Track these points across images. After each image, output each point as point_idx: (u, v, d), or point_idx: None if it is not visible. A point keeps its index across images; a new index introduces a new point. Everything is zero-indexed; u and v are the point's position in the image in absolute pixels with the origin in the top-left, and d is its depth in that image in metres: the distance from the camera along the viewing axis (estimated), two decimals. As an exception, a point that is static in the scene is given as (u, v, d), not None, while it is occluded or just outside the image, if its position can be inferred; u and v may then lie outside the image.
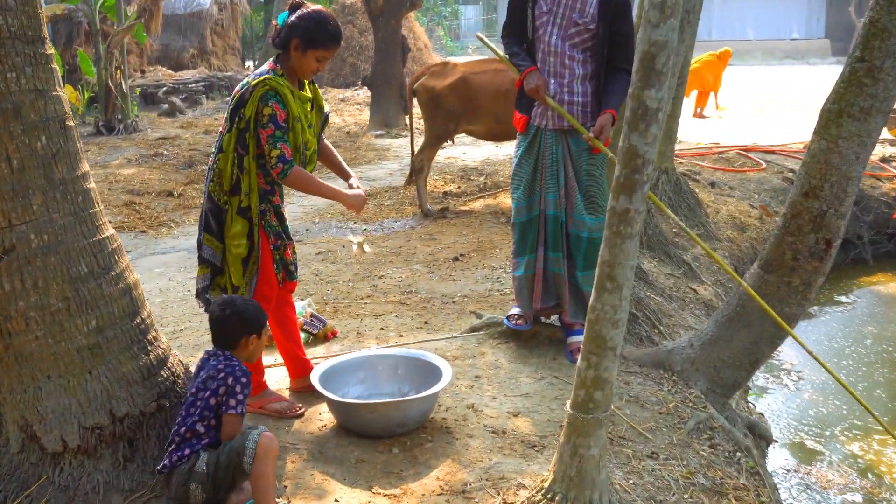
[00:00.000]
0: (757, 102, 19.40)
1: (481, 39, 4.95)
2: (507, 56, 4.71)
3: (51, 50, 3.26)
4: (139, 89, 19.07)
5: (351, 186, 4.14)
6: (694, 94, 17.47)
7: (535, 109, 4.65)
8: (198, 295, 4.08)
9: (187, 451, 3.24)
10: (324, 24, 3.87)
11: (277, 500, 3.29)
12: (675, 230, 7.77)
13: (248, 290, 3.99)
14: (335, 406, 3.98)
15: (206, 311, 4.04)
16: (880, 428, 5.71)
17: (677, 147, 10.91)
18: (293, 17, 3.89)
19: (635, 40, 4.35)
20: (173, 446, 3.27)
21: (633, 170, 2.91)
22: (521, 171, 4.74)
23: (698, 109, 17.64)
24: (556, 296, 4.82)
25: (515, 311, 4.96)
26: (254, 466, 3.15)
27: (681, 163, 10.39)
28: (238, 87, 3.89)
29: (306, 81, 4.07)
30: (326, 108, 4.20)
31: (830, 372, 4.03)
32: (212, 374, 3.34)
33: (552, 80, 4.57)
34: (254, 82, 3.81)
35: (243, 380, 3.34)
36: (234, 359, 3.42)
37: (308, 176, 3.90)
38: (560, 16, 4.51)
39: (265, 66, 3.95)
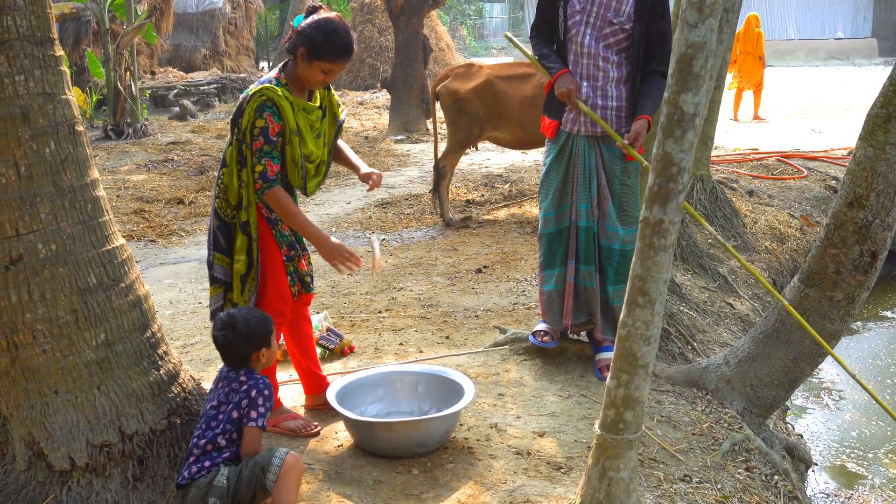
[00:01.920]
0: (799, 106, 19.31)
1: (510, 39, 4.89)
2: (536, 57, 4.69)
3: (60, 52, 3.31)
4: (149, 91, 19.27)
5: (365, 176, 4.13)
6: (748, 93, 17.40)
7: (566, 115, 4.62)
8: (212, 316, 4.09)
9: (207, 464, 3.28)
10: (331, 36, 3.82)
11: None
12: (710, 241, 7.75)
13: (250, 306, 4.01)
14: (352, 424, 4.00)
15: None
16: (928, 451, 5.68)
17: (713, 153, 10.90)
18: (304, 24, 3.86)
19: (672, 41, 4.39)
20: (192, 458, 3.31)
21: (667, 178, 2.93)
22: (550, 180, 4.71)
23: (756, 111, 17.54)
24: (588, 311, 4.80)
25: (542, 326, 4.96)
26: (276, 485, 3.18)
27: (717, 170, 10.37)
28: (242, 95, 3.91)
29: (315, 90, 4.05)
30: (342, 114, 4.20)
31: (870, 392, 4.00)
32: (234, 386, 3.40)
33: (584, 84, 4.54)
34: (252, 91, 3.81)
35: (266, 392, 3.40)
36: (255, 372, 3.47)
37: (286, 201, 3.84)
38: (594, 15, 4.48)
39: (271, 73, 3.95)
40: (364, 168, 4.19)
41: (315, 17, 3.88)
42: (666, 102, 2.92)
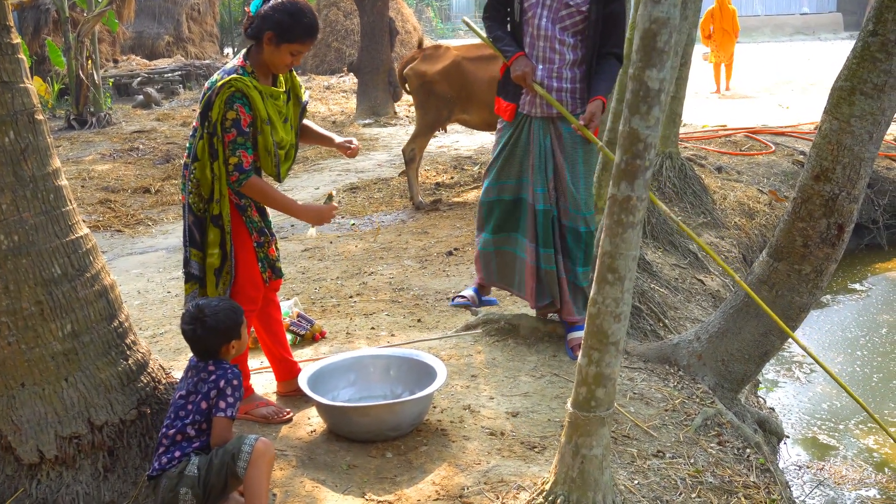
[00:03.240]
0: (766, 82, 19.43)
1: (468, 24, 4.94)
2: (490, 40, 4.73)
3: (17, 39, 3.26)
4: (112, 80, 19.08)
5: (341, 145, 4.17)
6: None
7: (523, 97, 4.65)
8: None
9: (178, 454, 3.26)
10: (299, 17, 3.82)
11: None
12: (680, 218, 7.80)
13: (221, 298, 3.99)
14: (325, 410, 4.00)
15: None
16: (895, 420, 5.77)
17: (682, 130, 10.95)
18: (266, 7, 3.83)
19: (626, 23, 4.41)
20: (162, 449, 3.29)
21: (634, 155, 2.93)
22: (497, 160, 4.77)
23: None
24: (550, 293, 4.83)
25: (465, 293, 5.13)
26: (248, 472, 3.17)
27: (686, 147, 10.43)
28: (207, 84, 3.87)
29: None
30: (305, 96, 4.19)
31: (824, 367, 4.05)
32: (203, 376, 3.38)
33: (540, 66, 4.57)
34: (219, 83, 3.77)
35: (235, 382, 3.38)
36: (224, 362, 3.45)
37: (265, 187, 3.87)
38: None
39: (235, 62, 3.91)
40: (337, 138, 4.21)
41: (276, 0, 3.85)
42: (631, 79, 2.92)
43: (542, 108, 4.60)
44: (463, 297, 5.13)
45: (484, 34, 4.78)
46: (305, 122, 4.26)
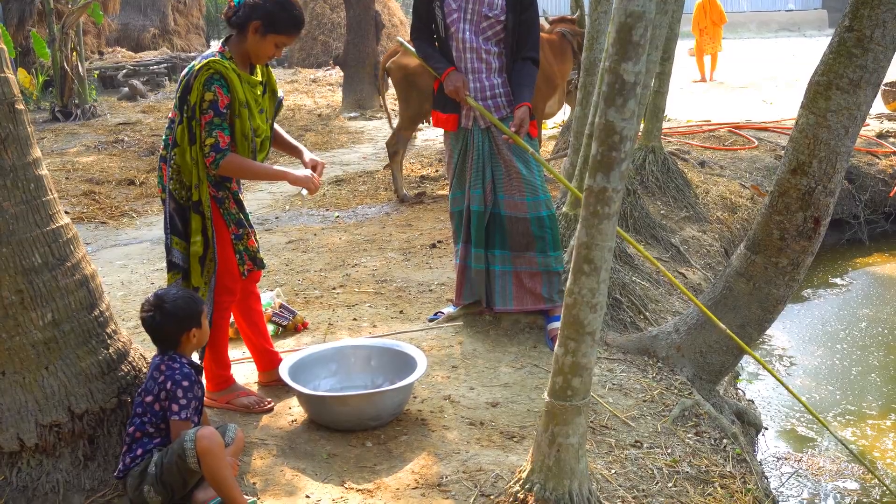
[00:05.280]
0: (751, 77, 19.51)
1: (403, 44, 5.23)
2: (422, 58, 4.94)
3: (-2, 30, 3.27)
4: (97, 72, 19.01)
5: (309, 163, 4.13)
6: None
7: (463, 110, 4.85)
8: None
9: (140, 451, 3.30)
10: (288, 9, 3.86)
11: (247, 497, 3.33)
12: (662, 212, 7.84)
13: (208, 289, 4.01)
14: (305, 399, 4.03)
15: None
16: (873, 413, 5.83)
17: (666, 125, 11.00)
18: None
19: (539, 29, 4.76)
20: (125, 448, 3.33)
21: (609, 147, 2.95)
22: (453, 165, 5.01)
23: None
24: (477, 293, 5.09)
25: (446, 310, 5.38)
26: (203, 466, 3.19)
27: (669, 142, 10.47)
28: (184, 71, 3.88)
29: (258, 65, 4.05)
30: (280, 92, 4.20)
31: (776, 376, 4.09)
32: (155, 375, 3.40)
33: (471, 77, 4.79)
34: (198, 66, 3.79)
35: (184, 384, 3.38)
36: (176, 359, 3.45)
37: (243, 161, 3.87)
38: (470, 11, 4.73)
39: (214, 48, 3.93)
40: (307, 154, 4.21)
41: None
42: (607, 72, 2.95)
43: (483, 119, 4.81)
44: (442, 313, 5.32)
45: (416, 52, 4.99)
46: (278, 128, 4.27)
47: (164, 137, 3.97)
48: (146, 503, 3.25)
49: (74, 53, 15.08)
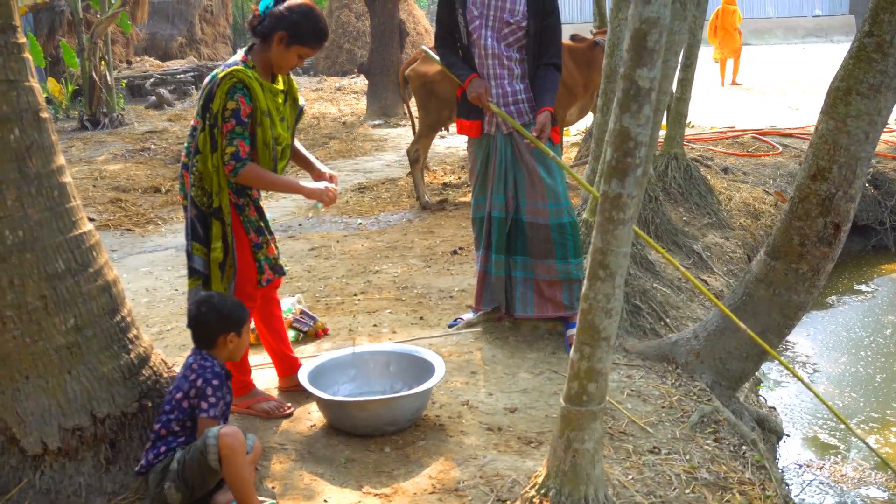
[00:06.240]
0: (776, 83, 19.42)
1: (427, 52, 5.26)
2: (446, 66, 4.97)
3: (23, 39, 3.32)
4: (125, 81, 19.19)
5: (320, 175, 4.18)
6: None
7: (486, 116, 4.88)
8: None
9: (163, 449, 3.34)
10: (314, 21, 3.92)
11: (264, 500, 3.36)
12: (685, 218, 7.82)
13: (228, 294, 4.05)
14: (324, 404, 4.05)
15: (187, 325, 4.12)
16: (897, 420, 5.78)
17: (690, 132, 10.97)
18: (282, 8, 3.90)
19: (561, 35, 4.79)
20: (149, 444, 3.37)
21: (624, 153, 2.96)
22: (477, 171, 5.05)
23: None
24: (497, 299, 5.09)
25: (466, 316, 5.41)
26: (223, 466, 3.22)
27: (692, 148, 10.44)
28: (207, 79, 3.93)
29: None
30: (301, 100, 4.23)
31: (797, 376, 4.08)
32: (186, 373, 3.46)
33: (493, 83, 4.81)
34: (221, 75, 3.83)
35: (215, 382, 3.43)
36: (209, 359, 3.52)
37: (262, 171, 3.92)
38: (492, 18, 4.75)
39: (237, 57, 3.97)
40: (319, 166, 4.26)
41: (292, 1, 3.92)
42: (622, 78, 2.96)
43: (505, 125, 4.84)
44: (462, 319, 5.35)
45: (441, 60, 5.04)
46: (300, 146, 4.31)
47: (186, 145, 4.02)
48: (166, 501, 3.28)
49: (103, 63, 15.24)
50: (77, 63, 15.28)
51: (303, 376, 4.15)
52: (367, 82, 16.88)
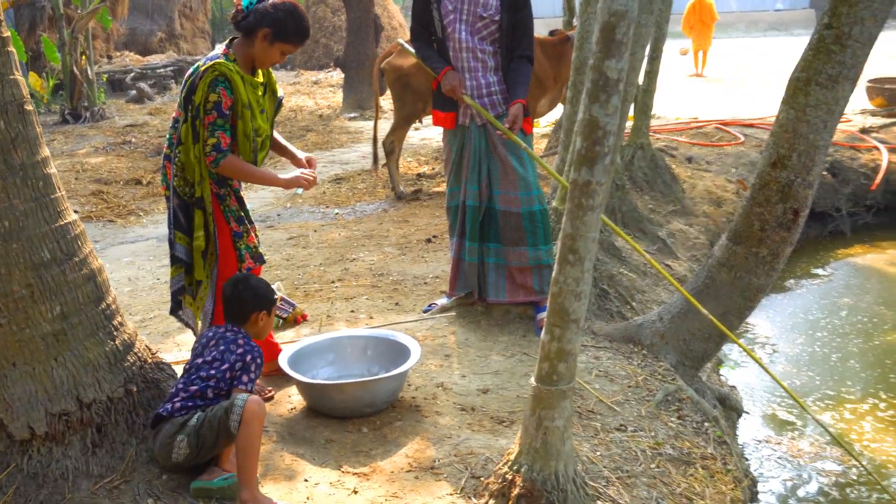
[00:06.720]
0: (739, 75, 19.55)
1: (403, 46, 5.25)
2: (421, 59, 4.99)
3: (7, 33, 3.29)
4: (106, 75, 19.01)
5: (301, 162, 4.19)
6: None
7: (460, 108, 4.89)
8: (173, 297, 4.14)
9: (190, 405, 3.38)
10: (298, 19, 3.93)
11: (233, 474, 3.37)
12: (650, 206, 7.88)
13: (210, 282, 4.06)
14: (304, 388, 4.07)
15: (171, 313, 4.18)
16: (852, 397, 5.87)
17: (655, 122, 11.03)
18: (266, 5, 3.89)
19: (533, 28, 4.81)
20: (178, 399, 3.41)
21: (593, 142, 3.00)
22: (451, 161, 5.05)
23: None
24: (469, 284, 5.12)
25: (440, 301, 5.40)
26: (241, 429, 3.25)
27: (658, 138, 10.50)
28: (189, 72, 3.92)
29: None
30: (280, 92, 4.24)
31: (757, 360, 4.13)
32: (231, 347, 3.51)
33: (467, 76, 4.84)
34: (203, 67, 3.83)
35: (259, 360, 3.53)
36: (249, 338, 3.59)
37: (241, 163, 3.92)
38: (466, 12, 4.77)
39: (218, 50, 3.96)
40: (298, 154, 4.27)
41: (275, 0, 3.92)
42: (591, 69, 2.99)
43: (479, 117, 4.85)
44: (436, 304, 5.36)
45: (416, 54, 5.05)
46: (277, 136, 4.31)
47: (168, 136, 4.01)
48: (171, 453, 3.31)
49: (84, 57, 15.10)
50: (58, 58, 15.13)
51: (283, 361, 4.16)
52: (342, 76, 16.84)
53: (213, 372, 3.45)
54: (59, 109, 15.48)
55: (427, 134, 12.77)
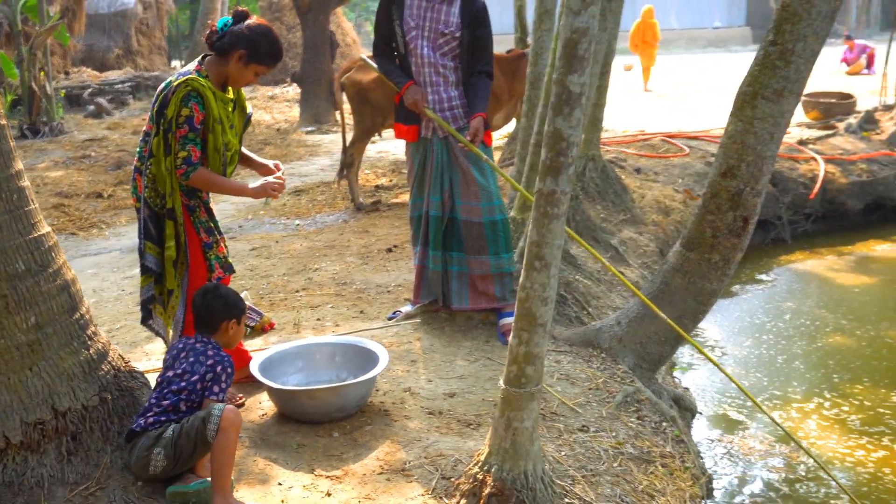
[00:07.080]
0: (681, 90, 19.83)
1: (365, 61, 5.27)
2: (384, 73, 5.00)
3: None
4: (64, 91, 18.69)
5: (269, 170, 4.19)
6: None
7: (422, 121, 4.92)
8: (142, 307, 4.13)
9: (164, 419, 3.35)
10: (273, 43, 3.96)
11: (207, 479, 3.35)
12: (602, 216, 7.96)
13: (181, 291, 4.04)
14: (275, 394, 4.05)
15: (142, 323, 4.16)
16: (798, 397, 5.99)
17: (604, 135, 11.13)
18: (243, 28, 3.91)
19: (492, 45, 4.86)
20: (151, 413, 3.37)
21: (558, 153, 3.05)
22: (414, 173, 5.07)
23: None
24: (433, 292, 5.15)
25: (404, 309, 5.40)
26: (217, 437, 3.23)
27: (607, 150, 10.60)
28: (161, 87, 3.91)
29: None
30: (249, 108, 4.25)
31: (711, 359, 4.20)
32: (201, 359, 3.47)
33: (429, 90, 4.87)
34: (176, 83, 3.83)
35: (229, 370, 3.49)
36: (219, 348, 3.55)
37: (211, 176, 3.94)
38: (427, 28, 4.81)
39: (190, 66, 3.96)
40: (263, 162, 4.28)
41: (252, 22, 3.96)
42: (555, 83, 3.04)
43: (441, 130, 4.88)
44: (401, 311, 5.37)
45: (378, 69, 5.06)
46: (243, 149, 4.30)
47: (138, 150, 3.99)
48: (148, 466, 3.27)
49: (42, 73, 14.87)
50: (16, 74, 14.87)
51: (254, 368, 4.15)
52: (298, 91, 16.77)
53: (183, 384, 3.42)
54: (18, 125, 15.21)
55: (384, 147, 12.77)
